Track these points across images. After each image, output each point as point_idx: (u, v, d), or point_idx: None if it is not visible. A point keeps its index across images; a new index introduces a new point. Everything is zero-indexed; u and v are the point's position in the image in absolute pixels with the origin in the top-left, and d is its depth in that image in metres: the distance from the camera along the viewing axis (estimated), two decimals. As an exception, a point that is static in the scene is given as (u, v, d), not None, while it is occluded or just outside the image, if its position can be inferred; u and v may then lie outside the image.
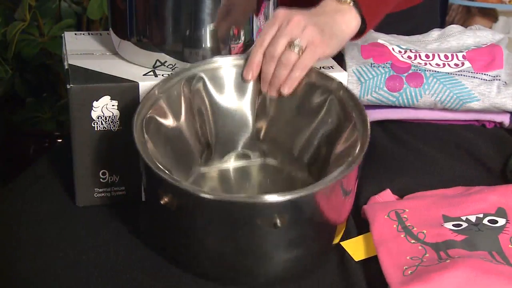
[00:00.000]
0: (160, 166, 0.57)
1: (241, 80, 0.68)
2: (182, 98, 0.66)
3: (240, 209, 0.55)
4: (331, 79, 0.66)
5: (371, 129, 0.61)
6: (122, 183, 0.71)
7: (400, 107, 0.80)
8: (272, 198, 0.54)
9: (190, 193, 0.54)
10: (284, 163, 0.70)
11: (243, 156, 0.71)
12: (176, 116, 0.65)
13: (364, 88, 0.79)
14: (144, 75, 0.70)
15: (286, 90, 0.66)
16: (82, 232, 0.66)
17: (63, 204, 0.70)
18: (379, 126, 0.82)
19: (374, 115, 0.81)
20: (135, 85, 0.68)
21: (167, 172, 0.57)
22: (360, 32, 0.70)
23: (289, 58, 0.64)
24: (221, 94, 0.68)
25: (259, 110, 0.69)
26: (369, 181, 0.72)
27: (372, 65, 0.80)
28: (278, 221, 0.54)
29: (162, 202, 0.55)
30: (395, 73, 0.79)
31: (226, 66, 0.67)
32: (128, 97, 0.68)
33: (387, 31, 0.88)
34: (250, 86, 0.68)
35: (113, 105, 0.68)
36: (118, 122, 0.68)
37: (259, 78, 0.68)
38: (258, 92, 0.68)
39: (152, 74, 0.70)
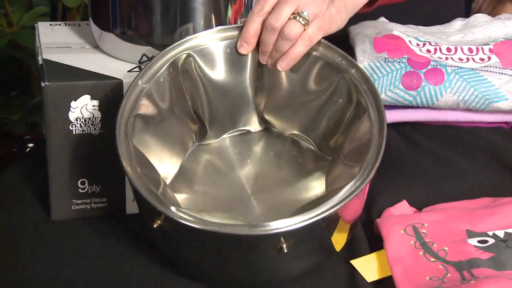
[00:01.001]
0: (151, 187, 0.58)
1: (236, 54, 0.69)
2: (170, 82, 0.67)
3: (240, 240, 0.57)
4: (342, 55, 0.68)
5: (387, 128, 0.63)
6: (104, 194, 0.72)
7: (418, 107, 0.81)
8: (278, 224, 0.56)
9: (181, 223, 0.56)
10: (287, 137, 0.73)
11: (243, 133, 0.74)
12: (166, 104, 0.67)
13: (377, 86, 0.79)
14: (129, 71, 0.71)
15: (284, 66, 0.68)
16: (58, 249, 0.68)
17: (36, 218, 0.71)
18: (394, 129, 0.83)
19: (388, 117, 0.80)
20: (118, 83, 0.69)
21: (159, 195, 0.58)
22: (370, 2, 0.72)
23: (293, 31, 0.65)
24: (214, 71, 0.69)
25: (259, 84, 0.71)
26: (383, 190, 0.73)
27: (386, 60, 0.81)
28: (284, 246, 0.56)
29: (155, 225, 0.57)
30: (412, 69, 0.80)
31: (214, 39, 0.69)
32: (110, 96, 0.69)
33: (404, 21, 0.89)
34: (247, 59, 0.70)
35: (93, 106, 0.69)
36: (99, 125, 0.69)
37: (257, 49, 0.69)
38: (256, 64, 0.70)
39: (138, 70, 0.72)
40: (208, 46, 0.68)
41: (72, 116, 0.69)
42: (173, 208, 0.57)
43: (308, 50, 0.67)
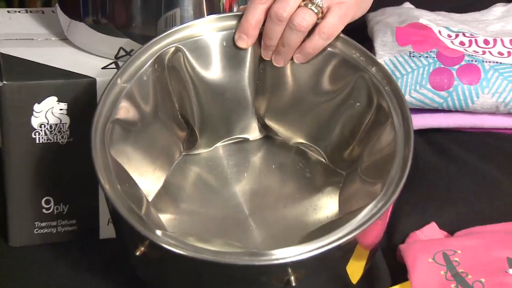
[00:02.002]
0: (133, 206, 0.59)
1: (233, 47, 0.71)
2: (155, 81, 0.69)
3: (238, 270, 0.58)
4: (360, 50, 0.69)
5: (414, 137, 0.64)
6: (73, 215, 0.74)
7: (449, 111, 0.83)
8: (285, 253, 0.57)
9: (169, 251, 0.57)
10: (293, 147, 0.75)
11: (239, 141, 0.76)
12: (149, 107, 0.69)
13: (400, 85, 0.82)
14: (103, 68, 0.73)
15: (300, 59, 0.69)
16: (18, 281, 0.69)
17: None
18: (421, 137, 0.84)
19: (415, 123, 0.81)
20: (91, 82, 0.71)
21: (143, 216, 0.59)
22: None
23: (304, 21, 0.66)
24: (207, 68, 0.71)
25: (260, 84, 0.73)
26: (408, 211, 0.75)
27: (412, 55, 0.83)
28: (292, 278, 0.57)
29: (137, 253, 0.58)
30: (442, 65, 0.82)
31: (207, 30, 0.70)
32: (82, 98, 0.70)
33: (433, 7, 0.91)
34: (247, 54, 0.71)
35: (61, 109, 0.71)
36: (67, 132, 0.71)
37: (258, 42, 0.70)
38: (258, 60, 0.72)
39: (114, 66, 0.74)
40: (200, 38, 0.69)
41: (35, 122, 0.70)
42: (159, 232, 0.58)
43: None
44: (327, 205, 0.72)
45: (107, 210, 0.71)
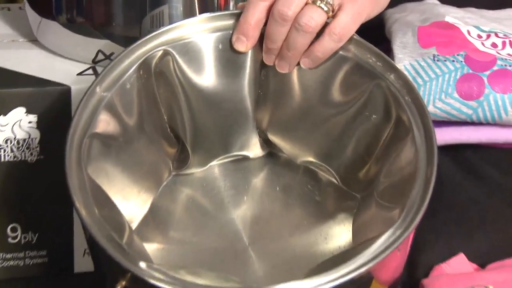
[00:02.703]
0: (113, 234, 0.60)
1: (231, 51, 0.71)
2: (140, 90, 0.69)
3: None
4: (377, 54, 0.70)
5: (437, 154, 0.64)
6: (43, 245, 0.74)
7: (479, 124, 0.83)
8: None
9: (154, 286, 0.57)
10: (300, 166, 0.76)
11: (238, 159, 0.77)
12: (133, 120, 0.69)
13: (423, 94, 0.82)
14: (79, 74, 0.74)
15: (308, 63, 0.70)
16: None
17: None
18: (447, 154, 0.84)
19: (439, 137, 0.83)
20: (65, 91, 0.72)
21: (124, 246, 0.59)
22: None
23: (312, 20, 0.67)
24: (200, 74, 0.71)
25: (262, 93, 0.74)
26: (432, 240, 0.75)
27: (436, 58, 0.83)
28: None
29: (118, 287, 0.58)
30: (471, 71, 0.82)
31: (200, 31, 0.71)
32: (54, 109, 0.71)
33: (461, 3, 0.91)
34: (246, 58, 0.72)
35: (30, 122, 0.71)
36: (37, 149, 0.72)
37: (260, 44, 0.71)
38: (259, 65, 0.72)
39: (92, 72, 0.75)
40: (192, 40, 0.70)
41: (0, 136, 0.71)
42: (143, 264, 0.58)
43: None
44: (339, 233, 0.73)
45: (84, 239, 0.71)
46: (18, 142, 0.71)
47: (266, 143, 0.77)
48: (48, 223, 0.74)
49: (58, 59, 0.77)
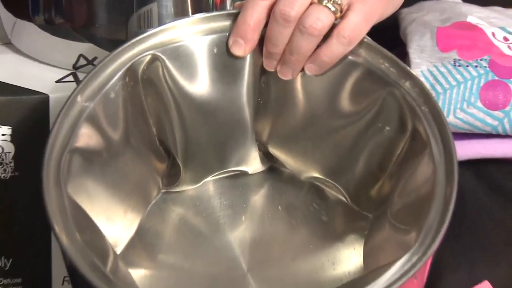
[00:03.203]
0: (95, 261, 0.59)
1: (227, 55, 0.72)
2: (125, 99, 0.69)
3: None
4: (390, 59, 0.70)
5: (458, 173, 0.64)
6: (18, 272, 0.75)
7: (505, 136, 0.84)
8: None
9: None
10: (305, 182, 0.77)
11: (235, 175, 0.77)
12: (119, 132, 0.69)
13: (442, 103, 0.82)
14: (58, 81, 0.74)
15: (313, 70, 0.70)
16: None
17: None
18: (469, 169, 0.84)
19: (460, 152, 0.83)
20: (42, 100, 0.72)
21: (108, 274, 0.59)
22: None
23: (318, 22, 0.67)
24: (193, 81, 0.72)
25: (262, 102, 0.74)
26: (453, 266, 0.75)
27: (457, 63, 0.83)
28: None
29: None
30: (496, 77, 0.82)
31: (193, 33, 0.71)
32: (30, 120, 0.72)
33: (485, 1, 0.92)
34: (244, 64, 0.72)
35: (3, 135, 0.72)
36: (11, 164, 0.72)
37: (260, 48, 0.71)
38: (258, 71, 0.73)
39: (72, 79, 0.75)
40: (184, 44, 0.70)
41: (-30, 150, 0.71)
42: None
43: None
44: (348, 257, 0.73)
45: (63, 266, 0.71)
46: (-10, 157, 0.72)
47: (266, 157, 0.77)
48: (23, 247, 0.74)
49: (34, 65, 0.77)
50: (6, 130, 0.72)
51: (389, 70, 0.70)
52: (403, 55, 0.85)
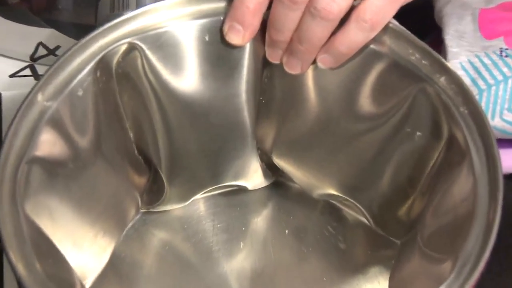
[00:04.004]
0: None
1: (221, 44, 0.71)
2: (96, 98, 0.69)
3: None
4: (422, 49, 0.70)
5: (504, 186, 0.64)
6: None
7: None
8: None
9: None
10: (317, 200, 0.77)
11: (232, 192, 0.78)
12: (88, 138, 0.69)
13: (486, 102, 0.82)
14: (12, 76, 0.75)
15: (328, 62, 0.70)
16: None
17: None
18: None
19: (507, 162, 0.83)
20: (-6, 97, 0.73)
21: None
22: None
23: (333, 4, 0.66)
24: (179, 76, 0.72)
25: (264, 101, 0.74)
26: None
27: (504, 53, 0.84)
28: None
29: None
30: None
31: (179, 17, 0.71)
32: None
33: None
34: (243, 55, 0.72)
35: None
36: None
37: (261, 36, 0.71)
38: (260, 64, 0.73)
39: (30, 73, 0.76)
40: (168, 30, 0.70)
41: None
42: None
43: None
44: None
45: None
46: None
47: (270, 169, 0.78)
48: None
49: (-16, 55, 0.77)
50: (-50, 134, 0.72)
51: (420, 62, 0.70)
52: (438, 43, 0.85)
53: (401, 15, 0.70)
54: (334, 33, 0.68)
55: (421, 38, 0.71)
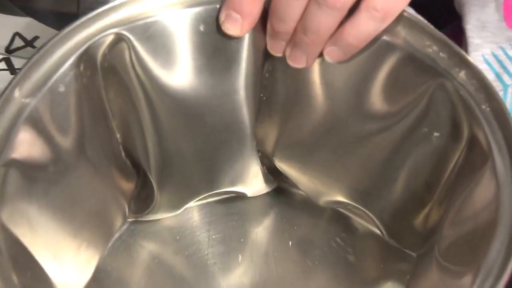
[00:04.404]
0: None
1: (218, 35, 0.72)
2: (79, 94, 0.69)
3: None
4: (440, 40, 0.70)
5: None
6: None
7: None
8: None
9: None
10: (324, 209, 0.77)
11: (229, 199, 0.78)
12: (70, 139, 0.70)
13: (508, 102, 0.83)
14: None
15: (336, 55, 0.70)
16: None
17: None
18: None
19: None
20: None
21: None
22: None
23: None
24: (171, 70, 0.72)
25: (266, 99, 0.75)
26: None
27: None
28: None
29: None
30: None
31: (172, 5, 0.71)
32: None
33: None
34: (241, 47, 0.73)
35: None
36: None
37: (261, 26, 0.71)
38: (261, 58, 0.73)
39: (5, 67, 0.75)
40: (159, 20, 0.71)
41: None
42: None
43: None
44: None
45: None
46: None
47: (272, 173, 0.78)
48: None
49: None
50: None
51: (438, 55, 0.70)
52: (458, 33, 0.86)
53: (417, 3, 0.71)
54: (342, 23, 0.68)
55: (438, 28, 0.71)
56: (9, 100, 0.66)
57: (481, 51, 0.84)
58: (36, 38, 0.75)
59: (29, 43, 0.76)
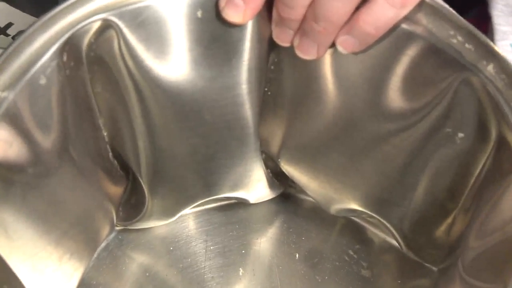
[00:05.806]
0: None
1: (218, 23, 0.72)
2: (62, 88, 0.69)
3: None
4: (467, 30, 0.69)
5: None
6: None
7: None
8: None
9: None
10: (335, 218, 0.78)
11: (229, 206, 0.79)
12: (51, 138, 0.70)
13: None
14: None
15: (350, 46, 0.71)
16: None
17: None
18: None
19: None
20: None
21: None
22: None
23: None
24: (164, 61, 0.73)
25: (271, 95, 0.75)
26: None
27: None
28: None
29: None
30: None
31: None
32: None
33: None
34: (244, 36, 0.73)
35: None
36: None
37: (266, 13, 0.71)
38: (266, 49, 0.74)
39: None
40: (151, 4, 0.71)
41: None
42: None
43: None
44: None
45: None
46: None
47: (277, 178, 0.79)
48: None
49: None
50: None
51: (463, 46, 0.70)
52: (484, 19, 0.86)
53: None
54: (357, 9, 0.68)
55: (462, 14, 0.70)
56: None
57: (510, 39, 0.85)
58: (10, 24, 0.76)
59: (2, 30, 0.76)
